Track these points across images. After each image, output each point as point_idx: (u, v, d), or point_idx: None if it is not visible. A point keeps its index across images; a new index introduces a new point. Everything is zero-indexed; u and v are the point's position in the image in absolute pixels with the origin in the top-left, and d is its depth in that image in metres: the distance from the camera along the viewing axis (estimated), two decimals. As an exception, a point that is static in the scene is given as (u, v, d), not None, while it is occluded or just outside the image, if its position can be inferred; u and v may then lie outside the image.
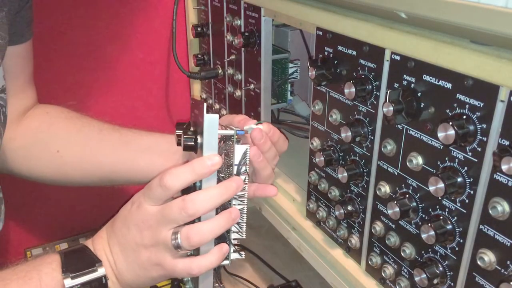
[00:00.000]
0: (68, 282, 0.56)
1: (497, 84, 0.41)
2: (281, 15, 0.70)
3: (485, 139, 0.43)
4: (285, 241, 0.80)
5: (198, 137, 0.57)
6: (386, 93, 0.53)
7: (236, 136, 0.58)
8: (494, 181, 0.43)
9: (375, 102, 0.55)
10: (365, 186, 0.60)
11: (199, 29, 0.97)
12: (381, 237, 0.58)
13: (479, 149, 0.44)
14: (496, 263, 0.44)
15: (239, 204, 0.60)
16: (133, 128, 0.81)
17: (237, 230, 0.62)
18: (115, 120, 1.09)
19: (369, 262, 0.61)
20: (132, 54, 1.06)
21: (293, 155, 0.79)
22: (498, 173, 0.43)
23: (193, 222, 0.57)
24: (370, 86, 0.55)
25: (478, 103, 0.43)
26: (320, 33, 0.62)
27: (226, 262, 0.62)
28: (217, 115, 0.55)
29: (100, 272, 0.58)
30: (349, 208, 0.62)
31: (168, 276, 0.61)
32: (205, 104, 0.54)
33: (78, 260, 0.58)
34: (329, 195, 0.66)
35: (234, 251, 0.62)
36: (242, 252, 0.62)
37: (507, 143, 0.41)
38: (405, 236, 0.55)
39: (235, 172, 0.59)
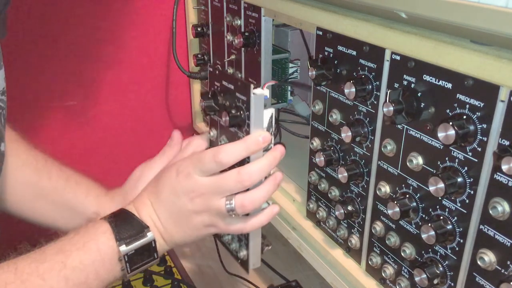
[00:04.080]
0: (124, 248, 0.60)
1: (497, 84, 0.41)
2: (281, 15, 0.70)
3: (485, 139, 0.43)
4: (285, 241, 0.80)
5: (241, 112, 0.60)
6: (386, 93, 0.53)
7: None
8: (494, 181, 0.43)
9: (375, 102, 0.55)
10: (365, 186, 0.60)
11: (199, 29, 0.97)
12: (381, 237, 0.58)
13: (479, 149, 0.44)
14: (496, 263, 0.44)
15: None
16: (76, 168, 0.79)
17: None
18: (115, 120, 1.09)
19: (369, 262, 0.61)
20: (132, 54, 1.06)
21: (293, 155, 0.79)
22: (498, 173, 0.43)
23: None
24: (370, 86, 0.55)
25: (479, 103, 0.43)
26: (320, 33, 0.62)
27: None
28: (264, 93, 0.59)
29: (149, 236, 0.62)
30: (349, 208, 0.62)
31: (218, 232, 0.67)
32: (251, 85, 0.58)
33: (128, 228, 0.62)
34: (329, 195, 0.66)
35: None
36: (270, 202, 0.67)
37: (507, 143, 0.41)
38: (405, 236, 0.55)
39: None
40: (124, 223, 0.62)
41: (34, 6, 0.94)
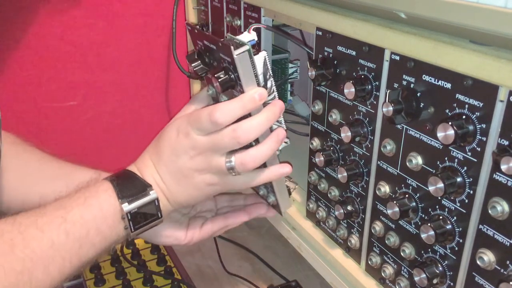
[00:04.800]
0: (126, 206, 0.60)
1: (496, 84, 0.41)
2: (281, 15, 0.70)
3: (484, 139, 0.43)
4: (285, 241, 0.80)
5: (229, 72, 0.58)
6: (386, 93, 0.53)
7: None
8: (494, 181, 0.43)
9: (375, 102, 0.56)
10: (365, 186, 0.60)
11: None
12: (380, 237, 0.58)
13: (479, 149, 0.44)
14: (495, 263, 0.44)
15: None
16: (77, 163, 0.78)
17: (278, 126, 0.65)
18: (115, 120, 1.09)
19: (369, 262, 0.61)
20: (132, 54, 1.06)
21: (293, 155, 0.79)
22: (497, 173, 0.43)
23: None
24: (369, 86, 0.55)
25: (478, 103, 0.43)
26: (320, 33, 0.62)
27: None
28: (245, 50, 0.56)
29: (152, 195, 0.61)
30: (349, 208, 0.62)
31: (222, 191, 0.66)
32: (231, 46, 0.55)
33: (130, 187, 0.61)
34: (329, 195, 0.67)
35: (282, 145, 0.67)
36: (288, 140, 0.66)
37: (506, 143, 0.41)
38: (404, 236, 0.55)
39: (262, 81, 0.61)
40: (126, 182, 0.62)
41: (33, 6, 0.94)
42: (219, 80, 0.58)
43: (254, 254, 1.02)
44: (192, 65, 0.64)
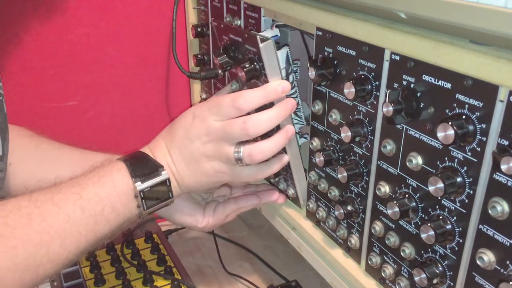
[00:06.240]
0: (139, 185, 0.61)
1: (496, 84, 0.41)
2: (281, 15, 0.70)
3: (484, 139, 0.43)
4: (285, 241, 0.80)
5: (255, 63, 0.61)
6: (386, 93, 0.53)
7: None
8: (494, 181, 0.43)
9: (375, 102, 0.56)
10: (365, 186, 0.60)
11: (199, 29, 0.97)
12: (380, 237, 0.58)
13: (479, 149, 0.44)
14: (495, 263, 0.44)
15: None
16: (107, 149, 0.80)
17: (297, 122, 0.68)
18: (115, 120, 1.09)
19: (369, 262, 0.61)
20: (132, 54, 1.06)
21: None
22: (497, 173, 0.43)
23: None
24: (369, 86, 0.55)
25: (478, 103, 0.43)
26: (320, 33, 0.62)
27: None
28: (270, 40, 0.58)
29: (163, 175, 0.63)
30: (349, 208, 0.62)
31: (229, 181, 0.68)
32: (257, 36, 0.57)
33: (143, 166, 0.63)
34: (329, 195, 0.67)
35: (300, 138, 0.69)
36: (307, 135, 0.68)
37: (506, 143, 0.41)
38: (404, 236, 0.55)
39: (284, 75, 0.62)
40: (139, 162, 0.64)
41: (33, 6, 0.94)
42: (244, 69, 0.60)
43: (254, 254, 1.02)
44: (218, 58, 0.66)
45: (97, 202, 0.59)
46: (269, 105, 0.62)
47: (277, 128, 0.64)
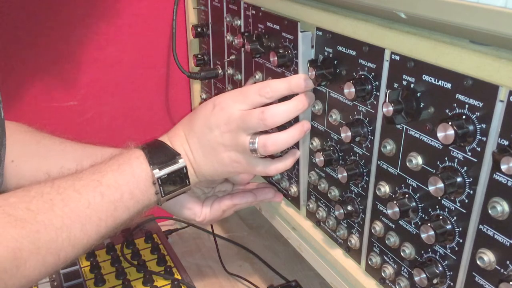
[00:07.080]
0: (157, 172, 0.63)
1: (496, 84, 0.41)
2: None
3: (484, 139, 0.43)
4: (285, 241, 0.80)
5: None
6: (386, 93, 0.53)
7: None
8: (494, 181, 0.43)
9: (375, 102, 0.56)
10: (365, 186, 0.60)
11: (199, 29, 0.97)
12: (381, 237, 0.58)
13: (479, 149, 0.44)
14: (495, 263, 0.44)
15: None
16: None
17: None
18: (115, 120, 1.09)
19: (369, 262, 0.61)
20: (132, 54, 1.06)
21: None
22: (497, 173, 0.43)
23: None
24: (369, 86, 0.55)
25: (478, 103, 0.43)
26: (320, 33, 0.62)
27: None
28: (310, 33, 0.60)
29: (181, 163, 0.65)
30: (349, 208, 0.62)
31: (243, 172, 0.69)
32: (299, 23, 0.59)
33: (161, 155, 0.65)
34: (329, 195, 0.67)
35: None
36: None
37: (506, 143, 0.41)
38: (404, 236, 0.55)
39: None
40: (157, 150, 0.65)
41: (32, 6, 0.94)
42: (277, 54, 0.62)
43: (254, 254, 1.02)
44: (250, 44, 0.68)
45: (116, 188, 0.61)
46: (289, 97, 0.63)
47: (295, 122, 0.65)
